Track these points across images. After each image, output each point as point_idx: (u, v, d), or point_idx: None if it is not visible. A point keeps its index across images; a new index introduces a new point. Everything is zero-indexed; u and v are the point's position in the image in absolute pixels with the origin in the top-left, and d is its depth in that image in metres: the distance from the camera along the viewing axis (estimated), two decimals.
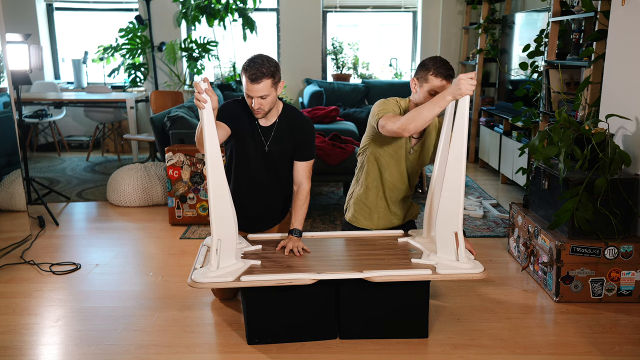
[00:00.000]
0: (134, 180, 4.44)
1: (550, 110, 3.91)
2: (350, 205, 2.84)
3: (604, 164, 2.66)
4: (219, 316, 2.64)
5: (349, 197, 2.88)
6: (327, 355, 2.31)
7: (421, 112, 2.30)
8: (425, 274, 2.26)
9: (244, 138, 2.59)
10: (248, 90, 2.41)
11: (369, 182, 2.74)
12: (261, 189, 2.69)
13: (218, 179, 2.23)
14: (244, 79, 2.41)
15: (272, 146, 2.61)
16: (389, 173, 2.70)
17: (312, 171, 2.70)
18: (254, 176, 2.66)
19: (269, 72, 2.38)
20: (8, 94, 3.65)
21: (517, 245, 3.29)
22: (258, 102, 2.42)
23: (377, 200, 2.76)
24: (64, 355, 2.33)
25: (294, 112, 2.66)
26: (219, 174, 2.23)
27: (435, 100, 2.28)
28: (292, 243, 2.52)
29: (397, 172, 2.71)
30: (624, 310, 2.68)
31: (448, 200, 2.28)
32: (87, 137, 7.14)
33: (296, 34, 6.93)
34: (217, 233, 2.23)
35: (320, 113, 5.86)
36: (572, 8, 3.75)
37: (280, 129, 2.61)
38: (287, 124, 2.61)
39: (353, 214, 2.82)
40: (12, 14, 6.75)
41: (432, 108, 2.27)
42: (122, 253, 3.50)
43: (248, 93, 2.42)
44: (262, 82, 2.38)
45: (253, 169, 2.65)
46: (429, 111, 2.28)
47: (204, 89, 2.15)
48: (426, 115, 2.29)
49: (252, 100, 2.43)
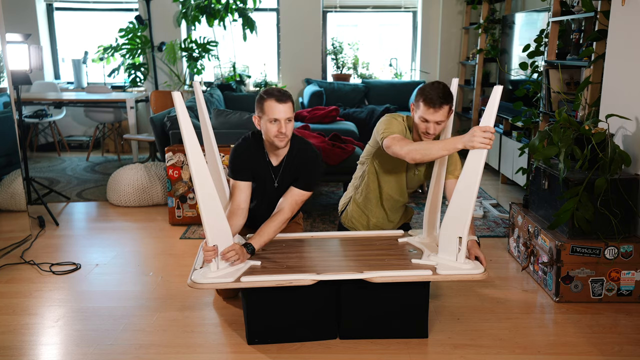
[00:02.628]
0: (134, 180, 4.44)
1: (550, 110, 3.91)
2: (348, 210, 2.86)
3: (604, 164, 2.66)
4: (219, 316, 2.64)
5: (346, 200, 2.89)
6: (327, 355, 2.31)
7: (430, 149, 2.26)
8: (425, 274, 2.26)
9: (256, 179, 2.62)
10: (275, 112, 2.40)
11: (369, 193, 2.78)
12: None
13: (205, 188, 2.18)
14: (268, 104, 2.41)
15: (281, 182, 2.62)
16: (389, 187, 2.73)
17: (300, 206, 2.62)
18: (266, 208, 2.65)
19: (289, 96, 2.46)
20: (8, 94, 3.65)
21: (517, 245, 3.29)
22: (284, 124, 2.42)
23: (375, 209, 2.81)
24: (64, 355, 2.33)
25: (300, 145, 2.62)
26: (206, 183, 2.18)
27: (445, 144, 2.23)
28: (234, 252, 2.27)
29: (397, 187, 2.74)
30: (624, 310, 2.68)
31: (459, 205, 2.25)
32: (87, 137, 7.14)
33: (296, 34, 6.93)
34: (212, 241, 2.23)
35: (320, 113, 5.86)
36: (572, 8, 3.75)
37: (288, 166, 2.61)
38: (295, 161, 2.61)
39: (350, 218, 2.87)
40: (12, 14, 6.75)
41: (440, 150, 2.24)
42: (122, 253, 3.50)
43: (275, 116, 2.41)
44: (287, 103, 2.42)
45: (265, 202, 2.67)
46: (437, 152, 2.25)
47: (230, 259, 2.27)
48: (434, 154, 2.26)
49: (279, 124, 2.42)
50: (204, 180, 2.17)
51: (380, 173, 2.71)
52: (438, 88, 2.40)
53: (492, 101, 2.12)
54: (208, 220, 2.20)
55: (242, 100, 6.31)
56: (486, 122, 2.14)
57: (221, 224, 2.26)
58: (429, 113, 2.40)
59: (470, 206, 2.21)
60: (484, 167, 2.19)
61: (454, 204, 2.27)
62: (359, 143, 4.76)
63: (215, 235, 2.23)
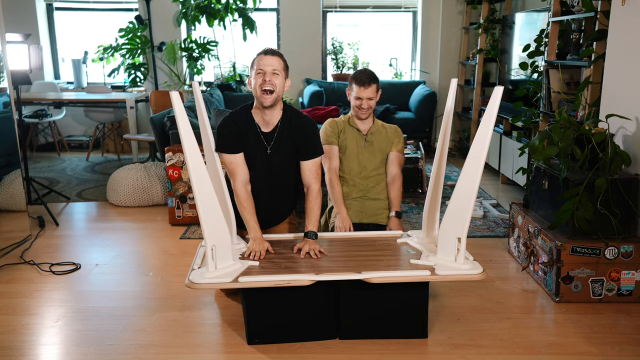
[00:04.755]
0: (134, 180, 4.44)
1: (550, 110, 3.90)
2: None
3: (604, 164, 2.66)
4: (219, 316, 2.64)
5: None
6: (327, 355, 2.31)
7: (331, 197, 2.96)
8: (423, 275, 2.26)
9: (247, 148, 2.62)
10: (261, 64, 2.48)
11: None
12: (266, 193, 2.69)
13: (203, 187, 2.19)
14: (257, 59, 2.52)
15: (274, 151, 2.62)
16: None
17: (320, 169, 2.68)
18: (259, 181, 2.65)
19: (280, 54, 2.55)
20: (8, 94, 3.65)
21: (517, 245, 3.29)
22: (270, 75, 2.47)
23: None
24: (64, 355, 2.33)
25: (294, 113, 2.66)
26: (204, 183, 2.19)
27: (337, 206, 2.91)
28: (308, 246, 2.49)
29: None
30: (624, 311, 2.68)
31: (458, 205, 2.25)
32: (87, 137, 7.14)
33: (296, 34, 6.93)
34: (210, 241, 2.23)
35: (320, 113, 5.86)
36: (572, 8, 3.75)
37: (282, 134, 2.61)
38: (288, 127, 2.62)
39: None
40: (12, 14, 6.75)
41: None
42: (122, 253, 3.50)
43: (260, 68, 2.48)
44: (275, 56, 2.50)
45: (257, 174, 2.65)
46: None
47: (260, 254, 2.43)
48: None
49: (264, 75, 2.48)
50: (202, 180, 2.18)
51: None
52: (365, 72, 2.99)
53: (493, 102, 2.13)
54: (206, 220, 2.20)
55: (242, 100, 6.31)
56: (487, 123, 2.15)
57: (219, 224, 2.26)
58: (360, 91, 2.96)
59: (470, 206, 2.21)
60: (484, 167, 2.19)
61: (454, 205, 2.27)
62: None
63: (213, 235, 2.23)
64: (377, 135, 3.07)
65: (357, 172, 3.03)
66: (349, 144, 3.03)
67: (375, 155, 3.05)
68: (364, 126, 3.07)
